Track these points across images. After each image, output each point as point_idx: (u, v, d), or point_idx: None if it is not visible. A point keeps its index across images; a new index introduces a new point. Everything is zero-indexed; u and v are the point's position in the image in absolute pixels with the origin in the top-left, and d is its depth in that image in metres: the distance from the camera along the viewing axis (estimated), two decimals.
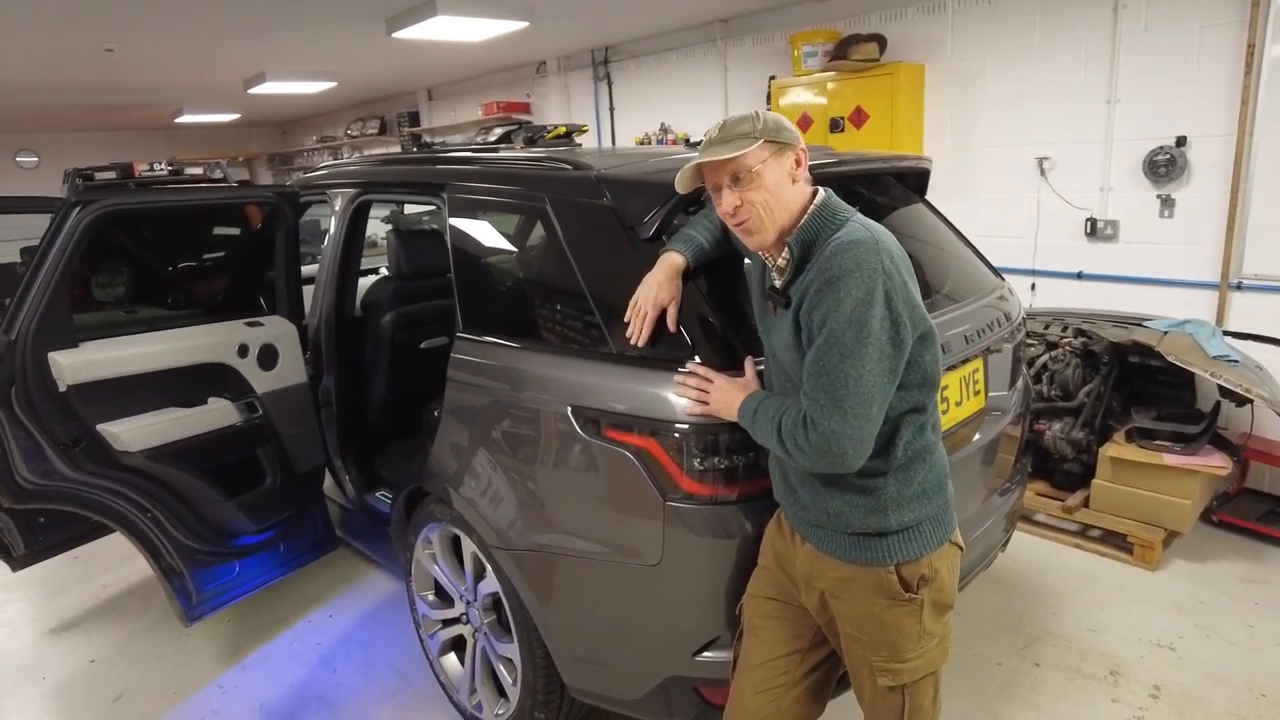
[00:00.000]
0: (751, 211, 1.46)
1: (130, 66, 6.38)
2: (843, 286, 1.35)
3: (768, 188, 1.45)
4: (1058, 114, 4.19)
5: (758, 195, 1.45)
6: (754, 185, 1.45)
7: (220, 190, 2.75)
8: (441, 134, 8.90)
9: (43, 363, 2.35)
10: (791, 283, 1.47)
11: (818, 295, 1.38)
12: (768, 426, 1.47)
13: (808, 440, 1.39)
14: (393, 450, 3.20)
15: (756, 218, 1.46)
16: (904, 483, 1.49)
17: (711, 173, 1.48)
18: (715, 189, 1.50)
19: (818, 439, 1.37)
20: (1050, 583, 3.12)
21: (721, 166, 1.46)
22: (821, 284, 1.37)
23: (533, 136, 2.89)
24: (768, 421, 1.48)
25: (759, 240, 1.49)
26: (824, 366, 1.36)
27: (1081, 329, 3.70)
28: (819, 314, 1.37)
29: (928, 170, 2.65)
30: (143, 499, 2.56)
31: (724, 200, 1.47)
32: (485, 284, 2.34)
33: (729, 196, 1.46)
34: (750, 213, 1.46)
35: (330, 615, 3.14)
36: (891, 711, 1.57)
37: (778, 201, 1.46)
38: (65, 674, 2.88)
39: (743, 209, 1.46)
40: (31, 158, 10.97)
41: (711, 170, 1.48)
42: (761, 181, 1.45)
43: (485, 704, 2.34)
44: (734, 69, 5.86)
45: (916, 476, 1.51)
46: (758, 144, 1.44)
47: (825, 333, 1.36)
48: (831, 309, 1.35)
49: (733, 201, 1.46)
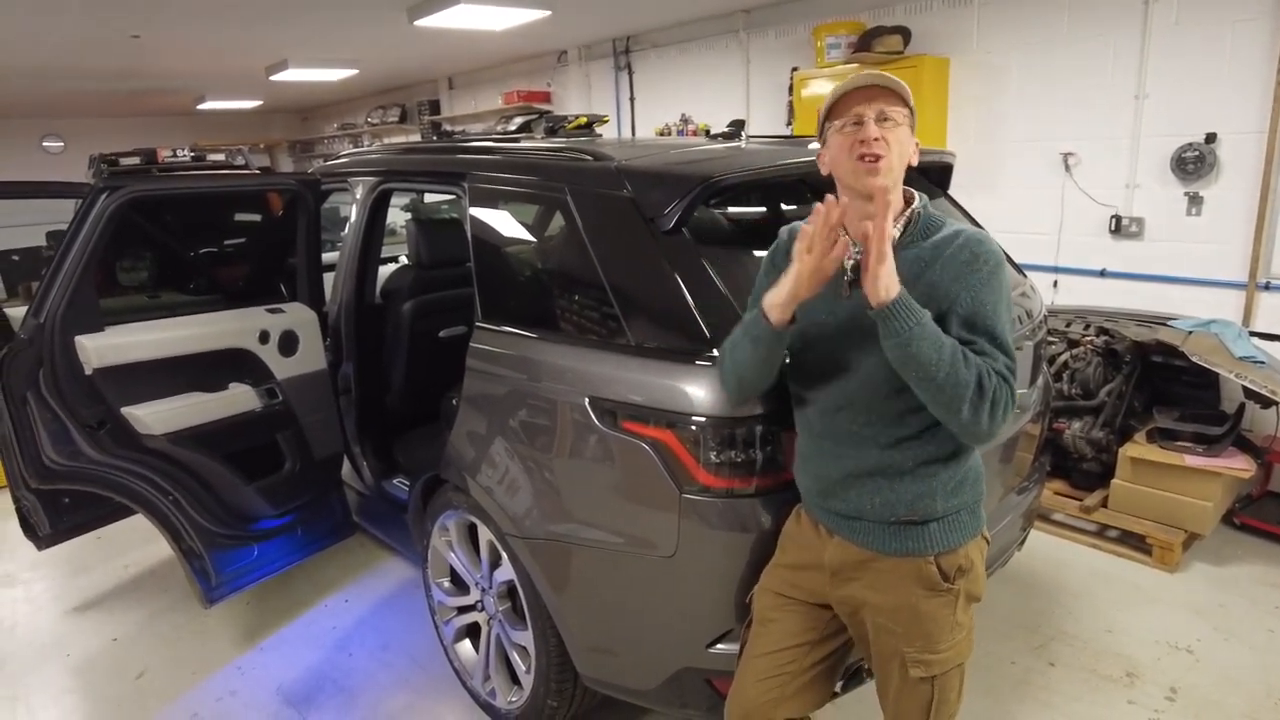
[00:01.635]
0: (887, 151, 1.42)
1: (155, 53, 6.44)
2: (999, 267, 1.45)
3: (902, 143, 1.46)
4: (1084, 109, 4.14)
5: (896, 143, 1.44)
6: (894, 132, 1.44)
7: (243, 177, 2.77)
8: (462, 123, 8.91)
9: (69, 346, 2.38)
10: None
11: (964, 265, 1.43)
12: (951, 357, 1.35)
13: (1009, 394, 1.38)
14: (410, 438, 3.23)
15: (889, 160, 1.43)
16: (953, 469, 1.52)
17: (865, 99, 1.43)
18: (854, 121, 1.44)
19: (1009, 397, 1.38)
20: (1067, 582, 3.10)
21: (879, 95, 1.43)
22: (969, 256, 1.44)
23: (554, 126, 2.89)
24: (951, 350, 1.35)
25: (878, 182, 1.42)
26: (995, 332, 1.40)
27: (1104, 327, 3.66)
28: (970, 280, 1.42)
29: (951, 164, 2.63)
30: (165, 481, 2.60)
31: (867, 127, 1.42)
32: (505, 274, 2.35)
33: (873, 126, 1.42)
34: (885, 151, 1.42)
35: (346, 600, 3.17)
36: (920, 703, 1.57)
37: (903, 161, 1.47)
38: (88, 651, 2.93)
39: (880, 143, 1.42)
40: (58, 143, 11.10)
41: (867, 96, 1.43)
42: (901, 134, 1.45)
43: (499, 691, 2.36)
44: (756, 60, 5.82)
45: (964, 463, 1.53)
46: (910, 106, 1.47)
47: (992, 303, 1.42)
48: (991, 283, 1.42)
49: (875, 131, 1.42)
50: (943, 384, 1.34)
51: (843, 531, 1.57)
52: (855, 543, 1.55)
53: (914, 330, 1.33)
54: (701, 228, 1.90)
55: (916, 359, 1.34)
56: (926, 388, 1.36)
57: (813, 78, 4.99)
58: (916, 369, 1.35)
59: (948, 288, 1.43)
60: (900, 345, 1.34)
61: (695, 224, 1.88)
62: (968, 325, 1.41)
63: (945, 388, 1.34)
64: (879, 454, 1.50)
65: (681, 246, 1.85)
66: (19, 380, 2.36)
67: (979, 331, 1.41)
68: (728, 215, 2.04)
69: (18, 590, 3.40)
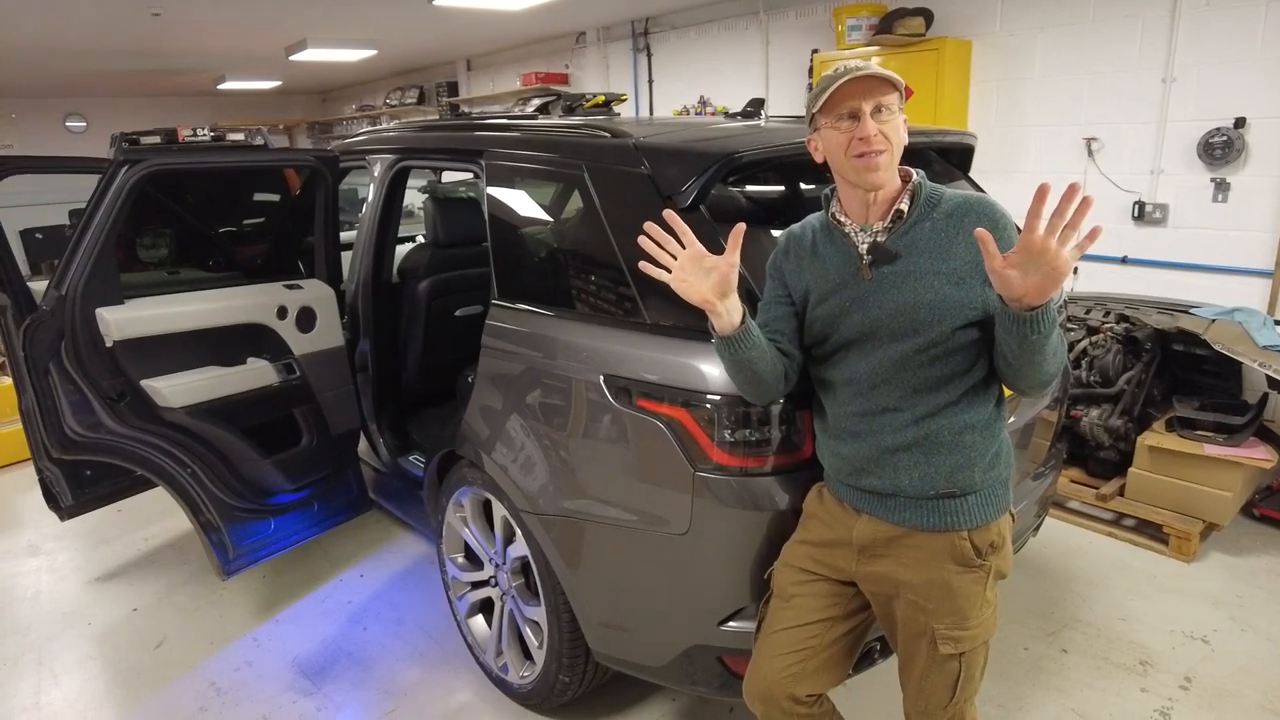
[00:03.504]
0: (886, 146, 1.43)
1: (176, 32, 6.46)
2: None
3: (899, 133, 1.46)
4: (1109, 93, 4.08)
5: (893, 135, 1.44)
6: (891, 125, 1.44)
7: (262, 152, 2.78)
8: (480, 104, 8.90)
9: (90, 318, 2.41)
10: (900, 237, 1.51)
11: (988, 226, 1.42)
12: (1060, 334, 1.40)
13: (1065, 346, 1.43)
14: (425, 415, 3.25)
15: (889, 155, 1.44)
16: (988, 439, 1.53)
17: (860, 93, 1.42)
18: (852, 114, 1.43)
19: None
20: (1081, 570, 3.08)
21: (875, 88, 1.42)
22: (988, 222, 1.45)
23: (571, 105, 2.88)
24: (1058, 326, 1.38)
25: (878, 178, 1.45)
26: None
27: (1124, 314, 3.62)
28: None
29: (972, 147, 2.60)
30: (183, 454, 2.63)
31: (864, 125, 1.42)
32: (521, 251, 2.35)
33: (870, 123, 1.42)
34: (884, 146, 1.43)
35: (361, 575, 3.20)
36: (947, 679, 1.57)
37: (899, 150, 1.47)
38: (109, 621, 2.98)
39: (878, 139, 1.43)
40: (80, 122, 11.19)
41: (862, 89, 1.42)
42: (897, 124, 1.45)
43: (511, 666, 2.38)
44: (776, 42, 5.77)
45: (997, 435, 1.55)
46: (899, 91, 1.45)
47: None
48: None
49: (873, 128, 1.42)
50: (1059, 359, 1.39)
51: (874, 509, 1.57)
52: (888, 519, 1.55)
53: (1056, 321, 1.33)
54: (719, 206, 1.89)
55: (1052, 344, 1.35)
56: (1041, 366, 1.39)
57: (833, 60, 4.94)
58: (1046, 350, 1.35)
59: (977, 258, 1.41)
60: (1044, 335, 1.32)
61: (713, 202, 1.87)
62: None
63: (1054, 357, 1.38)
64: (916, 427, 1.50)
65: (699, 224, 1.83)
66: (41, 351, 2.39)
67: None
68: (746, 194, 2.03)
69: (41, 560, 3.46)
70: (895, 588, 1.57)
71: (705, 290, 1.47)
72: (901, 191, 1.52)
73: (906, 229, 1.51)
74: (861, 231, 1.54)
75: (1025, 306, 1.29)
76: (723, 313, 1.49)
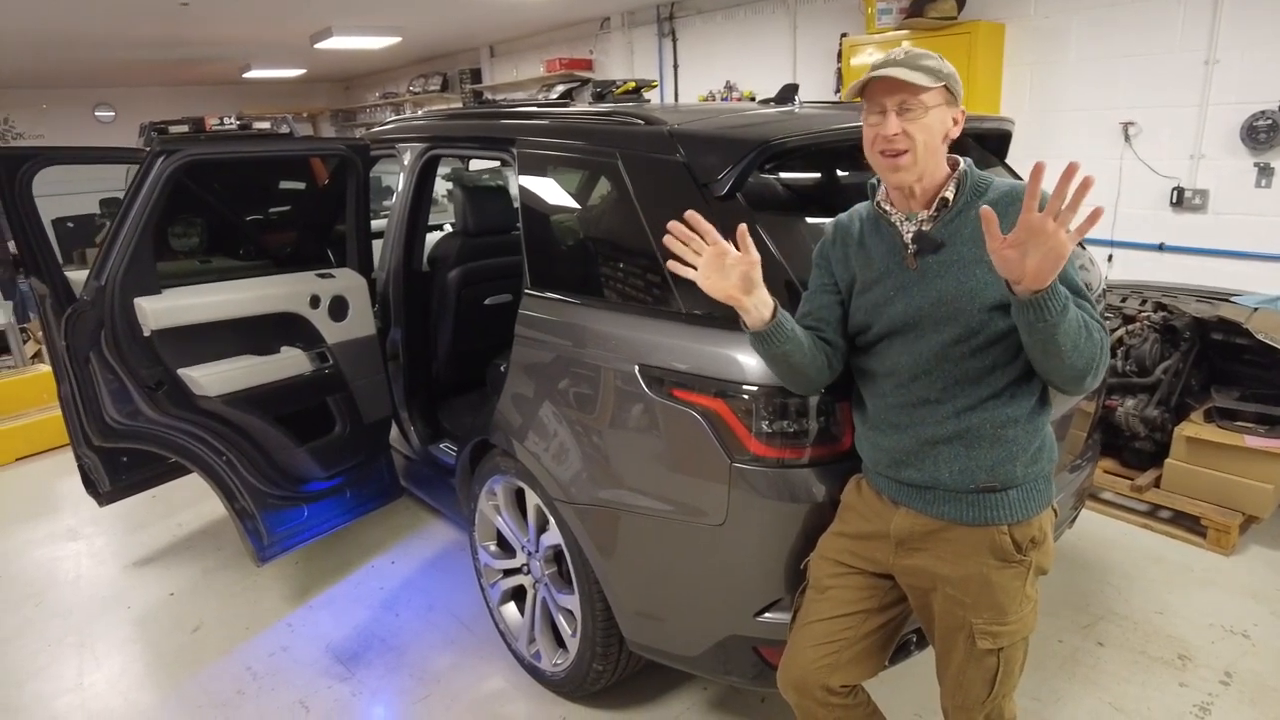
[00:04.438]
0: (909, 145, 1.42)
1: (203, 21, 6.50)
2: None
3: (930, 130, 1.43)
4: (1148, 76, 3.99)
5: (919, 134, 1.42)
6: (918, 122, 1.41)
7: (293, 141, 2.79)
8: (503, 91, 8.89)
9: (129, 308, 2.44)
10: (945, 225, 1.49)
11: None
12: (1083, 324, 1.34)
13: (1107, 341, 1.38)
14: (456, 404, 3.26)
15: (911, 154, 1.42)
16: (1030, 434, 1.50)
17: (883, 92, 1.42)
18: (878, 111, 1.43)
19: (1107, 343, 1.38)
20: (1116, 562, 3.04)
21: (897, 88, 1.41)
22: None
23: (601, 92, 2.86)
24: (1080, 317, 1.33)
25: (899, 178, 1.45)
26: (1077, 283, 1.38)
27: (1162, 303, 3.55)
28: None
29: (1010, 132, 2.55)
30: (219, 442, 2.66)
31: (887, 124, 1.41)
32: (554, 240, 2.34)
33: (893, 121, 1.41)
34: (907, 145, 1.42)
35: (393, 562, 3.23)
36: (985, 675, 1.56)
37: (932, 146, 1.44)
38: (147, 605, 3.04)
39: (900, 139, 1.41)
40: (109, 112, 11.32)
41: (885, 89, 1.42)
42: (926, 121, 1.42)
43: (543, 653, 2.40)
44: (804, 26, 5.70)
45: (1040, 429, 1.52)
46: (938, 85, 1.42)
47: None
48: None
49: (896, 127, 1.41)
50: (1083, 351, 1.34)
51: (913, 501, 1.55)
52: (927, 513, 1.54)
53: (1067, 307, 1.29)
54: (756, 193, 1.87)
55: (1065, 332, 1.30)
56: (1065, 359, 1.34)
57: (863, 44, 4.87)
58: (1064, 341, 1.31)
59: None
60: (1053, 323, 1.29)
61: (750, 190, 1.85)
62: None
63: (1084, 353, 1.34)
64: (957, 420, 1.49)
65: (735, 213, 1.82)
66: (82, 340, 2.42)
67: (1065, 287, 1.37)
68: (783, 181, 2.00)
69: (81, 544, 3.53)
70: (933, 581, 1.56)
71: (728, 287, 1.47)
72: (948, 179, 1.50)
73: (951, 217, 1.49)
74: (907, 220, 1.52)
75: (1028, 290, 1.27)
76: (750, 308, 1.48)
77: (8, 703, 2.53)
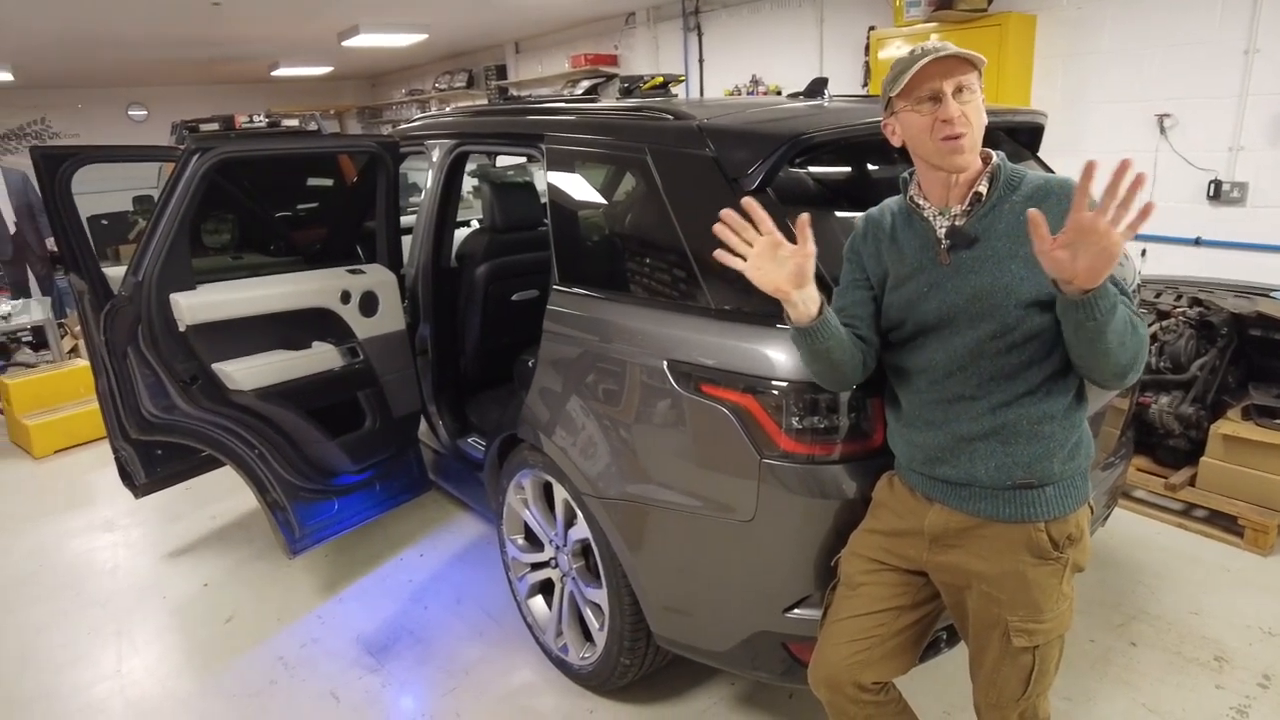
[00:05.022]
0: (968, 128, 1.40)
1: (233, 20, 6.58)
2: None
3: (981, 113, 1.43)
4: (1185, 67, 3.91)
5: (975, 116, 1.41)
6: (973, 105, 1.41)
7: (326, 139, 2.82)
8: (528, 87, 8.91)
9: (165, 303, 2.48)
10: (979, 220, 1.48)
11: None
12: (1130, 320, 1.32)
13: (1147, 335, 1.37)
14: (483, 398, 3.28)
15: (972, 136, 1.41)
16: (1068, 430, 1.49)
17: (941, 73, 1.39)
18: (934, 96, 1.40)
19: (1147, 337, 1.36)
20: (1150, 562, 2.99)
21: (956, 68, 1.39)
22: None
23: (629, 87, 2.86)
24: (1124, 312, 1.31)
25: (963, 160, 1.42)
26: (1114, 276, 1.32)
27: (1198, 298, 3.48)
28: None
29: (1042, 125, 2.51)
30: (252, 436, 2.70)
31: (947, 107, 1.38)
32: (582, 236, 2.34)
33: (953, 104, 1.39)
34: (967, 128, 1.40)
35: (421, 555, 3.26)
36: (1020, 673, 1.55)
37: (981, 130, 1.43)
38: (182, 595, 3.09)
39: (962, 121, 1.39)
40: (141, 111, 11.51)
41: (943, 70, 1.39)
42: (978, 104, 1.42)
43: (571, 647, 2.41)
44: (830, 19, 5.65)
45: (1077, 425, 1.51)
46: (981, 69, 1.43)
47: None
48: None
49: (956, 110, 1.39)
50: (1128, 347, 1.32)
51: (948, 498, 1.54)
52: (962, 509, 1.52)
53: (1116, 304, 1.27)
54: (786, 188, 1.86)
55: (1114, 329, 1.28)
56: (1111, 356, 1.32)
57: (891, 37, 4.82)
58: (1111, 339, 1.29)
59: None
60: (1103, 321, 1.26)
61: (780, 184, 1.84)
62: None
63: (1129, 349, 1.32)
64: (992, 416, 1.47)
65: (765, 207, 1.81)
66: (120, 336, 2.47)
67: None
68: (813, 175, 1.99)
69: (117, 535, 3.60)
70: (967, 579, 1.55)
71: (780, 279, 1.45)
72: (980, 173, 1.48)
73: (985, 212, 1.47)
74: (940, 215, 1.51)
75: (1078, 290, 1.24)
76: (798, 303, 1.46)
77: (48, 689, 2.59)
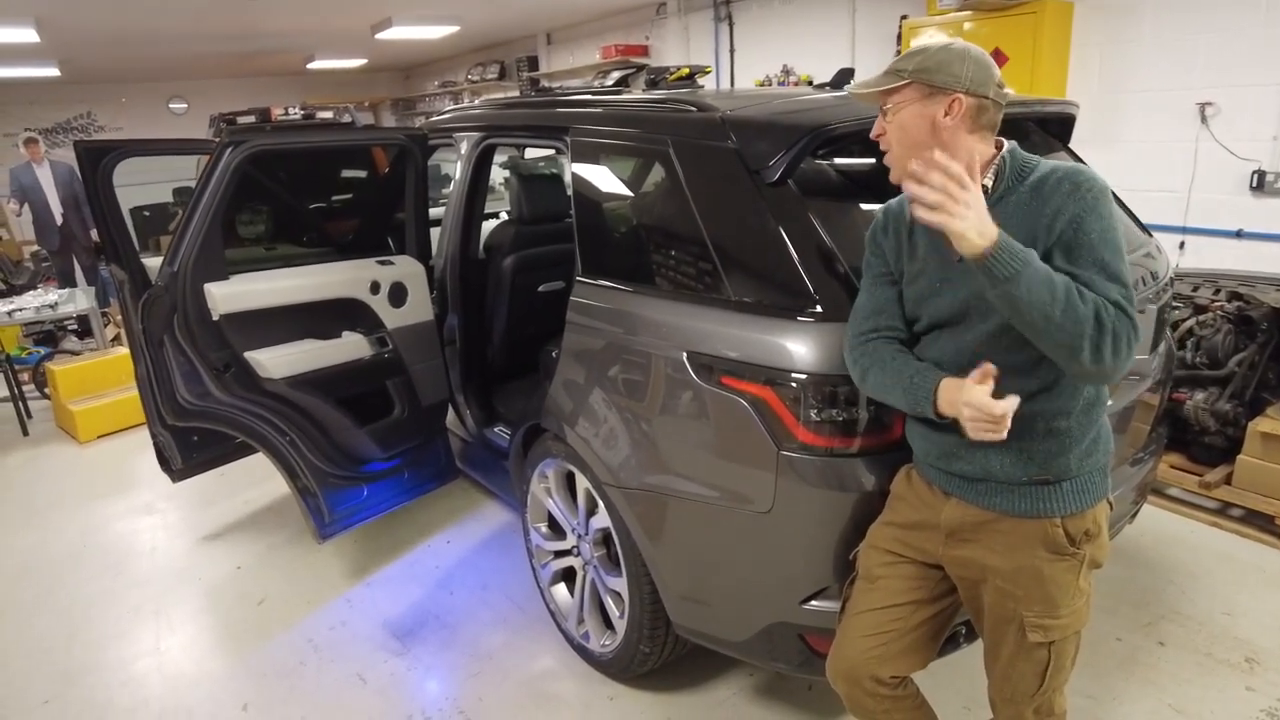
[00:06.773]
0: (889, 144, 1.49)
1: (270, 13, 6.69)
2: (1102, 195, 1.37)
3: (902, 127, 1.45)
4: (1227, 54, 3.81)
5: (893, 129, 1.47)
6: (893, 124, 1.47)
7: (355, 132, 2.87)
8: (559, 78, 8.93)
9: (199, 293, 2.54)
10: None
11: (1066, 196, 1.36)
12: (1066, 293, 1.26)
13: (1129, 326, 1.29)
14: (510, 388, 3.32)
15: (892, 152, 1.49)
16: (1085, 426, 1.47)
17: (870, 98, 1.51)
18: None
19: (1130, 329, 1.30)
20: (1180, 560, 2.94)
21: (868, 96, 1.50)
22: (1070, 186, 1.37)
23: (655, 78, 2.86)
24: (1065, 286, 1.27)
25: (892, 175, 1.51)
26: (1104, 260, 1.33)
27: (1237, 292, 3.40)
28: (1072, 209, 1.35)
29: (1073, 116, 2.47)
30: (283, 423, 2.76)
31: (876, 124, 1.51)
32: (606, 228, 2.36)
33: (879, 122, 1.50)
34: (886, 146, 1.49)
35: (448, 541, 3.32)
36: (1035, 668, 1.54)
37: (908, 141, 1.45)
38: (216, 577, 3.18)
39: (884, 138, 1.50)
40: (182, 104, 11.76)
41: (869, 96, 1.51)
42: (898, 120, 1.45)
43: (592, 634, 2.44)
44: (863, 8, 5.59)
45: (1094, 421, 1.49)
46: (903, 83, 1.43)
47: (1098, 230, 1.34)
48: (1097, 209, 1.35)
49: (879, 129, 1.50)
50: (1060, 324, 1.26)
51: (963, 493, 1.53)
52: (978, 504, 1.52)
53: (1021, 272, 1.25)
54: (809, 180, 1.86)
55: (1029, 301, 1.26)
56: (1043, 332, 1.29)
57: (924, 26, 4.76)
58: (1030, 312, 1.27)
59: (1049, 223, 1.36)
60: (1008, 291, 1.26)
61: (802, 176, 1.84)
62: (1070, 256, 1.35)
63: (1064, 327, 1.26)
64: None
65: (787, 199, 1.82)
66: (157, 324, 2.54)
67: (1085, 262, 1.33)
68: (836, 167, 1.98)
69: (156, 518, 3.71)
70: (983, 573, 1.54)
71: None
72: (986, 167, 1.46)
73: (992, 205, 1.42)
74: None
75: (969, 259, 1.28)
76: None
77: (92, 663, 2.69)
